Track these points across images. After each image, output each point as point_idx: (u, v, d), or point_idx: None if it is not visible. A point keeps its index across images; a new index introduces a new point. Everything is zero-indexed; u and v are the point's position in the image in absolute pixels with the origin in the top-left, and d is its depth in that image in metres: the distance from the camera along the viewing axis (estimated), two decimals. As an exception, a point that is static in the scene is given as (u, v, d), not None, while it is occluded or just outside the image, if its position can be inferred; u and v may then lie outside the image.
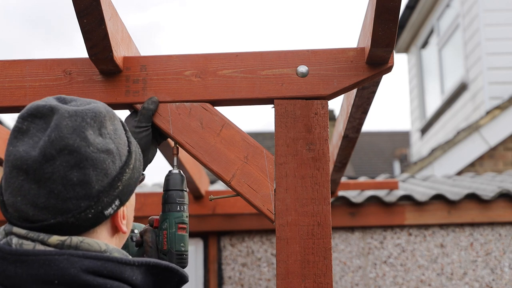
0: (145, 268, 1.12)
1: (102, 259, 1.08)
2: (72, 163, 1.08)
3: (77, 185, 1.08)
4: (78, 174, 1.08)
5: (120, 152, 1.14)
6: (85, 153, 1.09)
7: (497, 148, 6.70)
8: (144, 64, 1.79)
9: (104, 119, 1.14)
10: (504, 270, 3.66)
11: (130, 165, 1.16)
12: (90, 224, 1.11)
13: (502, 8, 7.17)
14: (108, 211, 1.12)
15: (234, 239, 3.74)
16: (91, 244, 1.10)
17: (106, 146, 1.12)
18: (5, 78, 1.80)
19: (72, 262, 1.05)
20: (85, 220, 1.10)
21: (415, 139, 9.60)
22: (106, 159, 1.11)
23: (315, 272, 1.64)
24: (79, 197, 1.08)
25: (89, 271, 1.06)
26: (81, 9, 1.57)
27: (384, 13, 1.56)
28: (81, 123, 1.10)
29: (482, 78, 7.04)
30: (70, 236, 1.09)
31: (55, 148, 1.08)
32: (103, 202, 1.11)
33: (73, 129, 1.09)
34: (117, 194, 1.13)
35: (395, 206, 3.71)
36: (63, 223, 1.08)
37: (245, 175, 1.71)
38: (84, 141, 1.09)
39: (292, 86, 1.75)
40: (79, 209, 1.09)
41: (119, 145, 1.15)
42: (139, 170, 1.20)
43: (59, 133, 1.08)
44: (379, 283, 3.66)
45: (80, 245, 1.09)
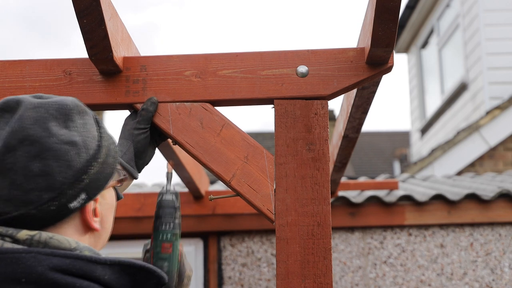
0: (119, 267, 1.09)
1: (71, 257, 1.06)
2: (33, 153, 1.07)
3: (38, 176, 1.07)
4: (40, 164, 1.07)
5: (87, 145, 1.13)
6: (47, 143, 1.08)
7: (497, 148, 6.70)
8: (144, 64, 1.80)
9: (71, 112, 1.13)
10: (504, 270, 3.66)
11: (98, 159, 1.14)
12: (54, 218, 1.10)
13: (502, 8, 7.17)
14: (72, 204, 1.10)
15: (234, 239, 3.74)
16: (61, 241, 1.09)
17: (70, 138, 1.11)
18: (5, 78, 1.81)
19: (40, 260, 1.04)
20: (48, 213, 1.08)
21: (415, 139, 9.60)
22: (69, 151, 1.09)
23: (315, 272, 1.64)
24: (41, 189, 1.07)
25: (57, 269, 1.04)
26: (81, 9, 1.57)
27: (384, 13, 1.57)
28: (43, 114, 1.10)
29: (482, 78, 7.04)
30: (39, 232, 1.08)
31: (16, 138, 1.08)
32: (67, 194, 1.09)
33: (35, 120, 1.09)
34: (82, 187, 1.11)
35: (395, 206, 3.71)
36: (26, 215, 1.07)
37: (245, 175, 1.71)
38: (46, 131, 1.09)
39: (292, 86, 1.75)
40: (41, 200, 1.07)
41: (87, 138, 1.14)
42: (112, 167, 1.19)
43: (21, 124, 1.08)
44: (379, 283, 3.66)
45: (49, 242, 1.08)
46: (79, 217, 1.14)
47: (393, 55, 1.74)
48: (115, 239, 3.63)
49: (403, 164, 14.09)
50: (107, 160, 1.17)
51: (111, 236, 1.59)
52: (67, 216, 1.12)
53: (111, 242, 3.69)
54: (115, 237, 3.61)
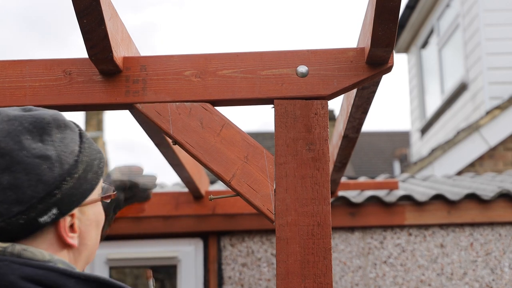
0: (95, 285, 1.06)
1: (44, 268, 1.04)
2: (3, 166, 1.06)
3: (7, 189, 1.06)
4: (9, 177, 1.06)
5: (61, 159, 1.11)
6: (17, 156, 1.07)
7: (497, 148, 6.70)
8: (144, 64, 1.80)
9: (48, 126, 1.12)
10: (504, 270, 3.66)
11: (73, 174, 1.12)
12: (24, 231, 1.08)
13: (502, 8, 7.17)
14: (43, 218, 1.08)
15: (234, 239, 3.74)
16: (35, 253, 1.07)
17: (44, 152, 1.09)
18: (5, 78, 1.81)
19: (13, 268, 1.03)
20: (17, 226, 1.07)
21: (415, 139, 9.60)
22: (40, 164, 1.08)
23: (315, 272, 1.64)
24: (10, 202, 1.06)
25: (29, 279, 1.02)
26: (81, 9, 1.57)
27: (384, 13, 1.57)
28: (17, 127, 1.09)
29: (482, 78, 7.04)
30: (13, 244, 1.07)
31: None
32: (36, 208, 1.07)
33: (8, 133, 1.08)
34: (54, 202, 1.09)
35: (395, 206, 3.70)
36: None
37: (245, 175, 1.71)
38: (17, 145, 1.08)
39: (292, 86, 1.75)
40: (10, 213, 1.06)
41: (62, 152, 1.11)
42: (92, 183, 1.16)
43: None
44: (379, 283, 3.66)
45: (22, 253, 1.07)
46: (53, 232, 1.13)
47: (393, 55, 1.74)
48: (115, 239, 3.63)
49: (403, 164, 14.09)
50: (85, 175, 1.15)
51: (111, 236, 1.59)
52: (38, 230, 1.10)
53: (111, 242, 3.69)
54: (115, 237, 3.61)
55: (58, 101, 1.79)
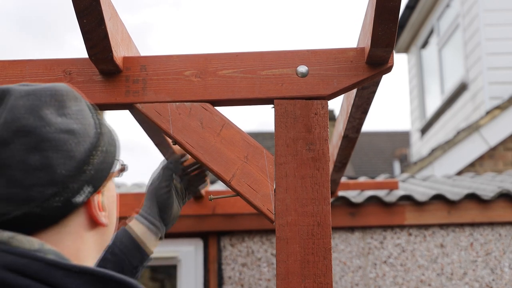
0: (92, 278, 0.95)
1: (29, 257, 0.94)
2: (30, 145, 0.97)
3: (38, 170, 0.97)
4: (39, 157, 0.97)
5: (86, 133, 1.03)
6: (44, 133, 0.98)
7: (497, 148, 6.70)
8: (144, 64, 1.80)
9: (65, 99, 1.04)
10: (504, 270, 3.66)
11: (100, 147, 1.05)
12: (59, 214, 1.00)
13: (502, 8, 7.17)
14: (77, 198, 1.00)
15: (234, 239, 3.74)
16: (22, 241, 0.97)
17: (68, 126, 1.01)
18: (5, 78, 1.81)
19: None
20: (53, 210, 0.98)
21: (415, 139, 9.60)
22: (68, 140, 1.00)
23: (315, 272, 1.64)
24: (43, 184, 0.97)
25: (10, 268, 0.93)
26: (81, 9, 1.57)
27: (384, 13, 1.57)
28: (36, 101, 1.01)
29: (482, 78, 7.04)
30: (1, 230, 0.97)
31: (9, 130, 0.98)
32: (71, 188, 0.99)
33: (29, 109, 1.00)
34: (87, 179, 1.01)
35: (395, 206, 3.70)
36: (28, 214, 0.97)
37: (245, 175, 1.71)
38: (42, 121, 0.99)
39: (292, 86, 1.75)
40: (44, 197, 0.97)
41: (86, 125, 1.04)
42: (114, 156, 1.09)
43: (13, 114, 0.99)
44: (379, 283, 3.66)
45: (9, 241, 0.96)
46: (84, 212, 1.05)
47: (393, 55, 1.74)
48: (115, 239, 3.62)
49: (403, 164, 14.10)
50: (109, 148, 1.08)
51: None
52: (71, 212, 1.02)
53: (111, 242, 3.69)
54: (115, 237, 3.61)
55: (58, 101, 1.78)
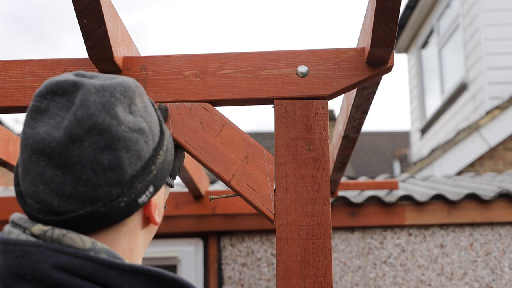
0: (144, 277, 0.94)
1: (82, 257, 0.93)
2: (102, 144, 0.94)
3: (108, 170, 0.94)
4: (110, 156, 0.95)
5: (153, 131, 1.01)
6: (117, 132, 0.95)
7: (497, 148, 6.70)
8: (144, 64, 1.80)
9: (134, 95, 1.01)
10: (504, 270, 3.66)
11: (163, 146, 1.03)
12: (123, 214, 0.98)
13: (502, 8, 7.17)
14: (141, 198, 0.99)
15: (234, 239, 3.74)
16: (74, 239, 0.95)
17: (139, 124, 0.99)
18: (5, 78, 1.81)
19: (46, 256, 0.93)
20: (118, 210, 0.96)
21: (415, 139, 9.60)
22: (139, 140, 0.98)
23: (315, 272, 1.64)
24: (111, 183, 0.95)
25: (64, 268, 0.92)
26: (81, 9, 1.57)
27: (384, 13, 1.57)
28: (110, 98, 0.97)
29: (482, 78, 7.04)
30: (52, 227, 0.96)
31: (82, 127, 0.94)
32: (136, 188, 0.97)
33: (102, 106, 0.95)
34: (151, 179, 1.00)
35: (395, 206, 3.71)
36: (93, 213, 0.95)
37: (245, 175, 1.71)
38: (115, 119, 0.96)
39: (292, 86, 1.75)
40: (111, 197, 0.95)
41: (151, 124, 1.02)
42: (172, 154, 1.07)
43: (86, 111, 0.95)
44: (379, 283, 3.66)
45: (61, 239, 0.95)
46: (141, 213, 1.04)
47: (393, 55, 1.74)
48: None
49: (403, 164, 14.09)
50: (169, 146, 1.06)
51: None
52: (134, 212, 1.00)
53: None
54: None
55: (58, 101, 1.78)
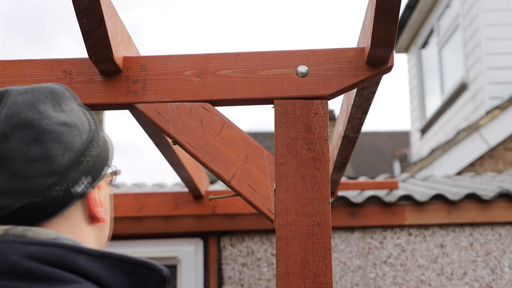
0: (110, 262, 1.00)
1: (50, 245, 0.97)
2: (30, 137, 1.01)
3: (38, 161, 1.00)
4: (38, 148, 1.01)
5: (83, 126, 1.08)
6: (43, 125, 1.02)
7: (497, 148, 6.70)
8: (144, 64, 1.80)
9: (62, 96, 1.09)
10: (504, 270, 3.66)
11: (97, 141, 1.09)
12: (59, 204, 1.02)
13: (502, 8, 7.17)
14: (75, 189, 1.04)
15: (234, 239, 3.74)
16: (38, 232, 1.01)
17: (66, 120, 1.06)
18: (5, 78, 1.81)
19: (14, 248, 0.96)
20: (53, 199, 1.01)
21: (415, 139, 9.60)
22: (66, 132, 1.04)
23: (315, 272, 1.64)
24: (42, 174, 1.00)
25: (33, 257, 0.96)
26: (81, 9, 1.57)
27: (384, 13, 1.57)
28: (36, 97, 1.06)
29: (482, 78, 7.04)
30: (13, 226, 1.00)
31: (9, 124, 1.02)
32: (70, 178, 1.03)
33: (30, 103, 1.04)
34: (85, 170, 1.05)
35: (395, 206, 3.71)
36: (29, 205, 1.00)
37: (245, 175, 1.71)
38: (39, 114, 1.03)
39: (292, 86, 1.75)
40: (43, 187, 1.00)
41: (80, 121, 1.09)
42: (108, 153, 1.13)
43: (13, 109, 1.03)
44: (379, 283, 3.66)
45: (25, 233, 1.00)
46: (82, 206, 1.08)
47: (393, 55, 1.74)
48: (115, 239, 3.62)
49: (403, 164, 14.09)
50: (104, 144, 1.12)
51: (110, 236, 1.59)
52: (71, 203, 1.04)
53: (111, 242, 3.69)
54: (115, 237, 3.60)
55: (58, 101, 1.78)
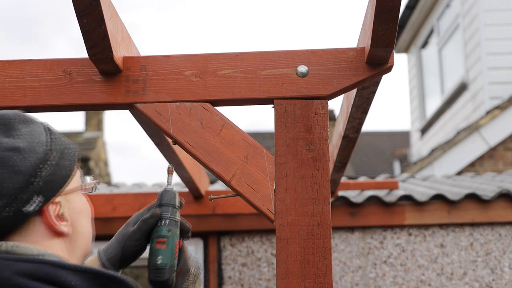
0: (89, 276, 1.09)
1: (36, 262, 1.07)
2: None
3: None
4: None
5: (33, 149, 1.14)
6: None
7: (497, 148, 6.70)
8: (144, 64, 1.80)
9: (13, 122, 1.16)
10: (504, 270, 3.66)
11: (48, 161, 1.15)
12: (13, 224, 1.11)
13: (502, 8, 7.17)
14: (27, 208, 1.12)
15: (234, 239, 3.74)
16: (24, 248, 1.11)
17: (13, 144, 1.13)
18: (5, 78, 1.81)
19: (5, 265, 1.05)
20: (4, 220, 1.10)
21: (415, 139, 9.60)
22: (12, 156, 1.11)
23: (315, 272, 1.64)
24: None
25: (23, 273, 1.05)
26: (81, 9, 1.57)
27: (384, 13, 1.57)
28: None
29: (482, 78, 7.04)
30: (3, 242, 1.10)
31: None
32: (18, 199, 1.11)
33: None
34: (34, 190, 1.12)
35: (395, 206, 3.71)
36: None
37: (245, 175, 1.71)
38: None
39: (292, 86, 1.75)
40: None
41: (33, 143, 1.15)
42: (68, 170, 1.20)
43: None
44: (379, 283, 3.66)
45: (12, 250, 1.10)
46: (41, 222, 1.16)
47: (393, 55, 1.74)
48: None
49: (403, 164, 14.09)
50: (61, 162, 1.19)
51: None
52: (25, 221, 1.13)
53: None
54: (115, 237, 3.60)
55: (58, 101, 1.79)
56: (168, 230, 1.51)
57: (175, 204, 1.54)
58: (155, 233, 1.50)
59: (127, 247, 1.51)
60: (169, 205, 1.54)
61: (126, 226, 1.56)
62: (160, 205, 1.53)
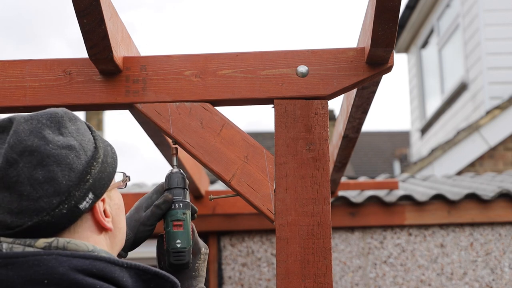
0: (135, 272, 1.13)
1: (91, 258, 1.09)
2: (34, 162, 1.11)
3: (44, 183, 1.11)
4: (43, 172, 1.11)
5: (84, 147, 1.17)
6: (46, 151, 1.12)
7: (497, 148, 6.70)
8: (144, 64, 1.79)
9: (62, 119, 1.18)
10: (504, 270, 3.66)
11: (98, 159, 1.18)
12: (67, 221, 1.13)
13: (502, 8, 7.17)
14: (82, 204, 1.14)
15: (234, 239, 3.74)
16: (78, 244, 1.13)
17: (67, 142, 1.15)
18: (5, 78, 1.81)
19: (61, 261, 1.07)
20: (61, 217, 1.12)
21: (415, 139, 9.60)
22: (68, 155, 1.14)
23: (315, 272, 1.64)
24: (49, 195, 1.11)
25: (78, 269, 1.07)
26: (81, 9, 1.57)
27: (384, 13, 1.57)
28: (37, 124, 1.15)
29: (482, 78, 7.04)
30: (56, 238, 1.12)
31: (15, 152, 1.11)
32: (74, 196, 1.13)
33: (30, 131, 1.14)
34: (88, 187, 1.15)
35: (395, 206, 3.71)
36: (40, 223, 1.11)
37: (245, 175, 1.71)
38: (43, 140, 1.13)
39: (292, 86, 1.75)
40: (52, 206, 1.11)
41: (83, 141, 1.18)
42: (113, 166, 1.23)
43: (17, 137, 1.13)
44: (379, 283, 3.66)
45: (67, 246, 1.12)
46: (90, 218, 1.18)
47: (393, 55, 1.74)
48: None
49: (403, 164, 14.09)
50: (107, 160, 1.21)
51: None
52: (79, 217, 1.15)
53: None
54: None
55: (58, 101, 1.79)
56: (183, 212, 1.53)
57: (184, 186, 1.56)
58: (170, 217, 1.52)
59: (140, 232, 1.57)
60: (179, 188, 1.55)
61: (137, 211, 1.61)
62: (170, 188, 1.55)
